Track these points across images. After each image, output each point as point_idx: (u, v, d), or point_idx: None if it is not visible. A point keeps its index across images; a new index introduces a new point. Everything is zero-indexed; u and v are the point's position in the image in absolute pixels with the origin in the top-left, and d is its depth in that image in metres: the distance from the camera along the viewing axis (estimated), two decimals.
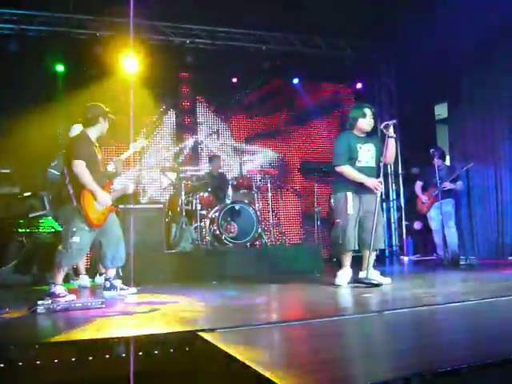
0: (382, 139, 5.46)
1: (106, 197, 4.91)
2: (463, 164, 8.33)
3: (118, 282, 5.20)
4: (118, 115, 9.25)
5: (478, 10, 7.49)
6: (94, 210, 4.80)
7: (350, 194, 5.26)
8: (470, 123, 9.09)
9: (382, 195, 5.31)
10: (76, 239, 4.69)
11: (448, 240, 7.71)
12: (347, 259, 5.35)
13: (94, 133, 5.08)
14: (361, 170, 5.29)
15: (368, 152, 5.38)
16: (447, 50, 8.50)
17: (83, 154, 4.82)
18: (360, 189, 5.27)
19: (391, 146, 5.32)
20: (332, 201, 5.65)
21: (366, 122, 5.36)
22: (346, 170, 5.27)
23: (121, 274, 5.45)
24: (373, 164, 5.39)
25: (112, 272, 5.20)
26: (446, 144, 9.70)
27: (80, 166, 4.75)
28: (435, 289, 5.02)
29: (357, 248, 5.29)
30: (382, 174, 5.30)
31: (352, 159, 5.31)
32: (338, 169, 5.32)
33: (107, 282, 5.18)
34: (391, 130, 5.25)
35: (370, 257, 5.18)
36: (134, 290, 5.22)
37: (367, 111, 5.38)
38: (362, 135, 5.42)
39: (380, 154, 5.41)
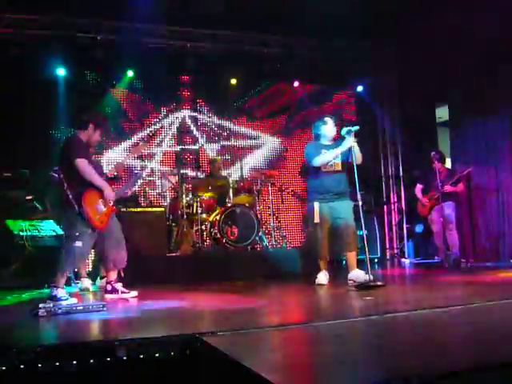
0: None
1: (113, 192, 4.93)
2: (464, 167, 8.32)
3: (119, 285, 5.21)
4: (118, 119, 9.42)
5: (479, 10, 7.50)
6: (96, 212, 4.81)
7: (317, 204, 5.57)
8: (471, 126, 9.09)
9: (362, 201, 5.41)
10: (79, 244, 4.70)
11: (449, 243, 7.71)
12: (323, 263, 5.73)
13: (83, 137, 5.08)
14: (327, 174, 5.60)
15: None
16: (448, 53, 8.50)
17: (82, 152, 4.83)
18: (330, 197, 5.56)
19: (355, 149, 5.48)
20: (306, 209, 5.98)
21: (328, 128, 5.76)
22: (319, 158, 5.58)
23: (122, 276, 5.44)
24: (339, 167, 5.62)
25: (113, 275, 5.21)
26: (447, 147, 9.71)
27: (83, 164, 4.75)
28: (436, 292, 5.01)
29: (327, 255, 5.69)
30: (356, 176, 5.34)
31: (318, 167, 5.61)
32: (315, 164, 5.60)
33: (108, 285, 5.19)
34: (352, 135, 5.44)
35: (351, 257, 5.54)
36: (135, 293, 5.22)
37: (328, 119, 5.82)
38: (328, 143, 5.77)
39: (346, 158, 5.59)
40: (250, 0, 8.10)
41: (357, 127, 5.46)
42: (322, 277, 5.67)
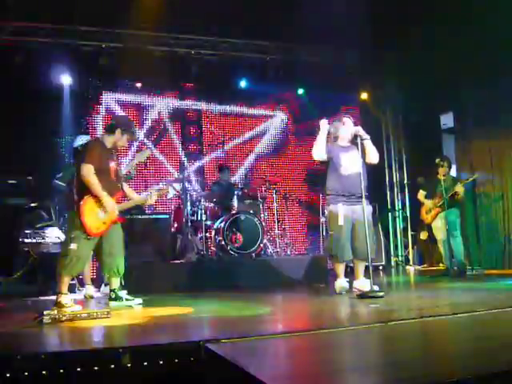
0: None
1: (112, 204, 4.92)
2: (469, 174, 8.30)
3: (123, 293, 5.21)
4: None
5: (480, 16, 7.51)
6: (93, 218, 4.81)
7: (341, 206, 5.34)
8: (475, 132, 9.08)
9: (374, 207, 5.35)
10: (73, 246, 4.73)
11: (454, 250, 7.67)
12: (341, 269, 5.46)
13: (109, 141, 5.18)
14: (347, 177, 5.39)
15: (353, 158, 5.44)
16: (452, 59, 8.50)
17: (93, 159, 4.87)
18: (351, 199, 5.36)
19: (369, 146, 5.45)
20: (326, 213, 5.77)
21: (346, 129, 5.55)
22: (314, 150, 5.52)
23: (122, 283, 5.43)
24: (358, 169, 5.33)
25: (116, 282, 5.21)
26: (453, 154, 9.69)
27: (87, 170, 4.80)
28: (441, 299, 4.99)
29: (350, 258, 5.43)
30: (365, 176, 5.33)
31: (337, 168, 5.45)
32: (314, 157, 5.58)
33: (112, 293, 5.19)
34: (362, 133, 5.38)
35: (360, 265, 5.41)
36: (139, 300, 5.21)
37: (346, 119, 5.62)
38: (346, 145, 5.58)
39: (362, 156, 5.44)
40: (253, 7, 8.13)
41: (365, 135, 5.37)
42: (343, 283, 5.41)
